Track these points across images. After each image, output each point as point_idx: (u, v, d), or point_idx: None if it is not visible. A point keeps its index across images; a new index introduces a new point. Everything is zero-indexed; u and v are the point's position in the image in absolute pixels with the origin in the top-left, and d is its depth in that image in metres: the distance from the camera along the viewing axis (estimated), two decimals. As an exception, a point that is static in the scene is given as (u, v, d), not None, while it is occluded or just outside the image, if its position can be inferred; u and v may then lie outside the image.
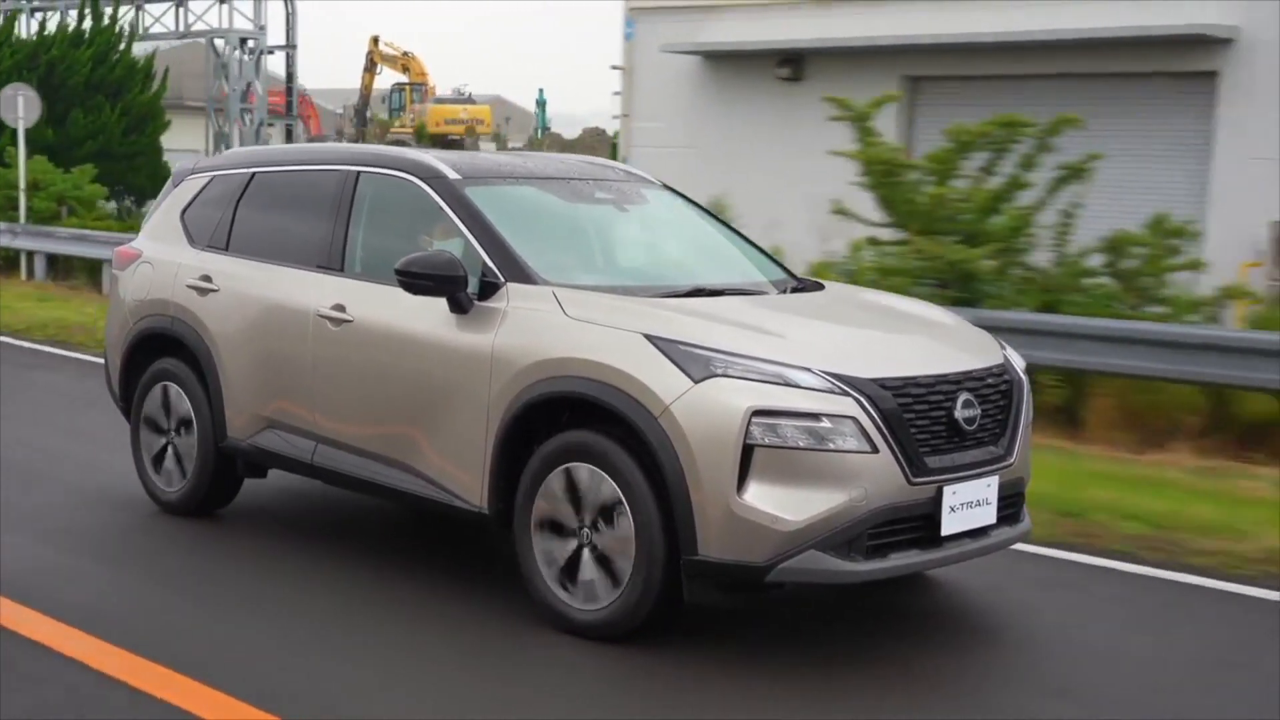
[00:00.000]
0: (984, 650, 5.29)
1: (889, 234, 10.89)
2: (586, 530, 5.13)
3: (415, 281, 5.50)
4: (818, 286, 6.32)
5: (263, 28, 29.35)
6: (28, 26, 29.27)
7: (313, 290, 6.13)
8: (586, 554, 5.13)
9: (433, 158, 6.11)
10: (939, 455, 5.04)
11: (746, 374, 4.85)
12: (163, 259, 6.95)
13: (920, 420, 4.99)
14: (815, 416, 4.79)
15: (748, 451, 4.75)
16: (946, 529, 5.05)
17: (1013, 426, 5.39)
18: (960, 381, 5.18)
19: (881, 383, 4.93)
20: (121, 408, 7.26)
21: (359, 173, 6.22)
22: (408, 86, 50.23)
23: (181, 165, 7.52)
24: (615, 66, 19.58)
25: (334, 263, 6.15)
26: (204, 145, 30.55)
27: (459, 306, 5.50)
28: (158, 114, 27.72)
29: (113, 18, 27.33)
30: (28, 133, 20.67)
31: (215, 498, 6.79)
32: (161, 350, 6.90)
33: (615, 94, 19.53)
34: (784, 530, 4.75)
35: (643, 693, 4.74)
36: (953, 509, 5.05)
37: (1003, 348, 5.72)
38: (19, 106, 20.05)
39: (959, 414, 5.09)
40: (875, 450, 4.84)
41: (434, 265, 5.46)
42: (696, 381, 4.85)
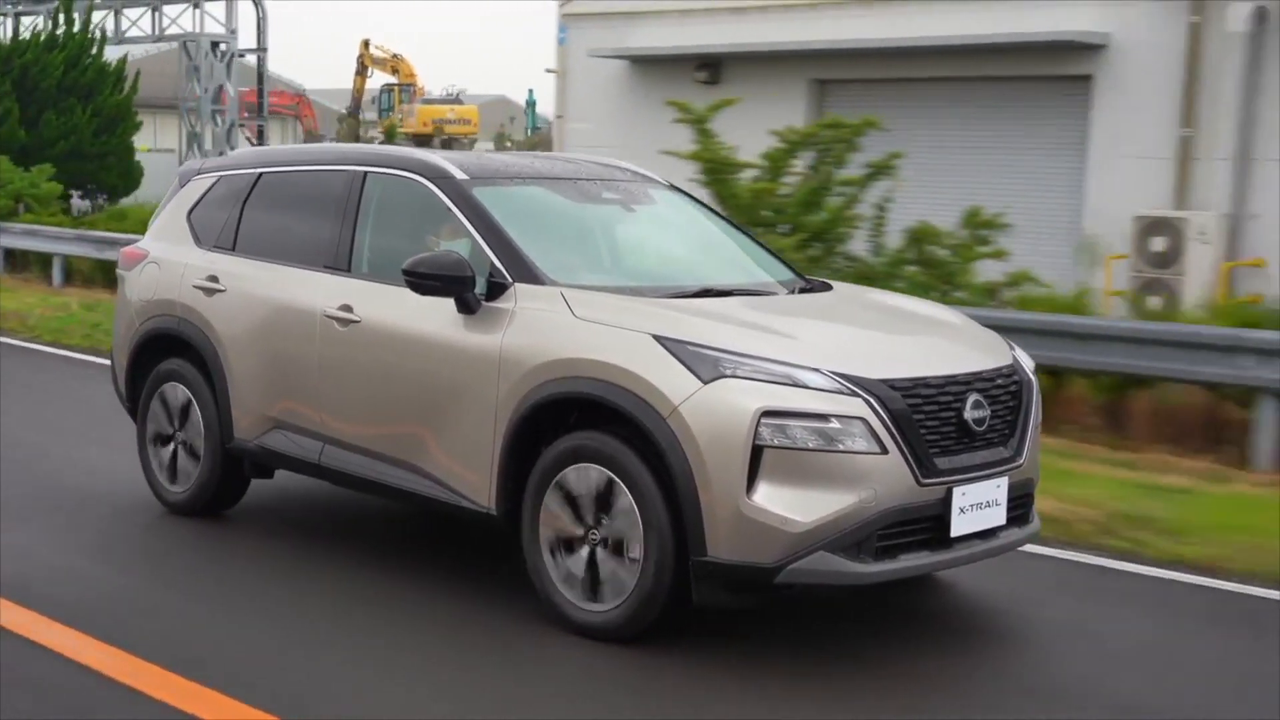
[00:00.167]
0: (992, 652, 5.27)
1: None
2: (594, 531, 5.11)
3: (423, 282, 5.49)
4: (826, 287, 6.30)
5: (234, 32, 30.14)
6: (3, 30, 29.98)
7: (320, 291, 6.12)
8: (595, 555, 5.11)
9: (440, 158, 6.10)
10: (948, 456, 5.02)
11: (755, 375, 4.83)
12: (169, 259, 6.94)
13: (930, 421, 4.98)
14: (824, 417, 4.78)
15: (757, 452, 4.74)
16: (956, 530, 5.04)
17: (1022, 427, 5.37)
18: (970, 382, 5.17)
19: (891, 383, 4.92)
20: (128, 408, 7.25)
21: (366, 173, 6.21)
22: (396, 87, 50.73)
23: (188, 165, 7.51)
24: (549, 70, 20.25)
25: (341, 263, 6.13)
26: (178, 145, 31.52)
27: (466, 307, 5.49)
28: (128, 115, 28.47)
29: (85, 23, 28.06)
30: (2, 133, 20.81)
31: (222, 499, 6.77)
32: (168, 351, 6.88)
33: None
34: (793, 531, 4.73)
35: (650, 693, 4.73)
36: (962, 510, 5.03)
37: (1011, 348, 5.70)
38: None
39: (968, 415, 5.07)
40: (885, 451, 4.82)
41: (442, 266, 5.45)
42: (705, 382, 4.83)
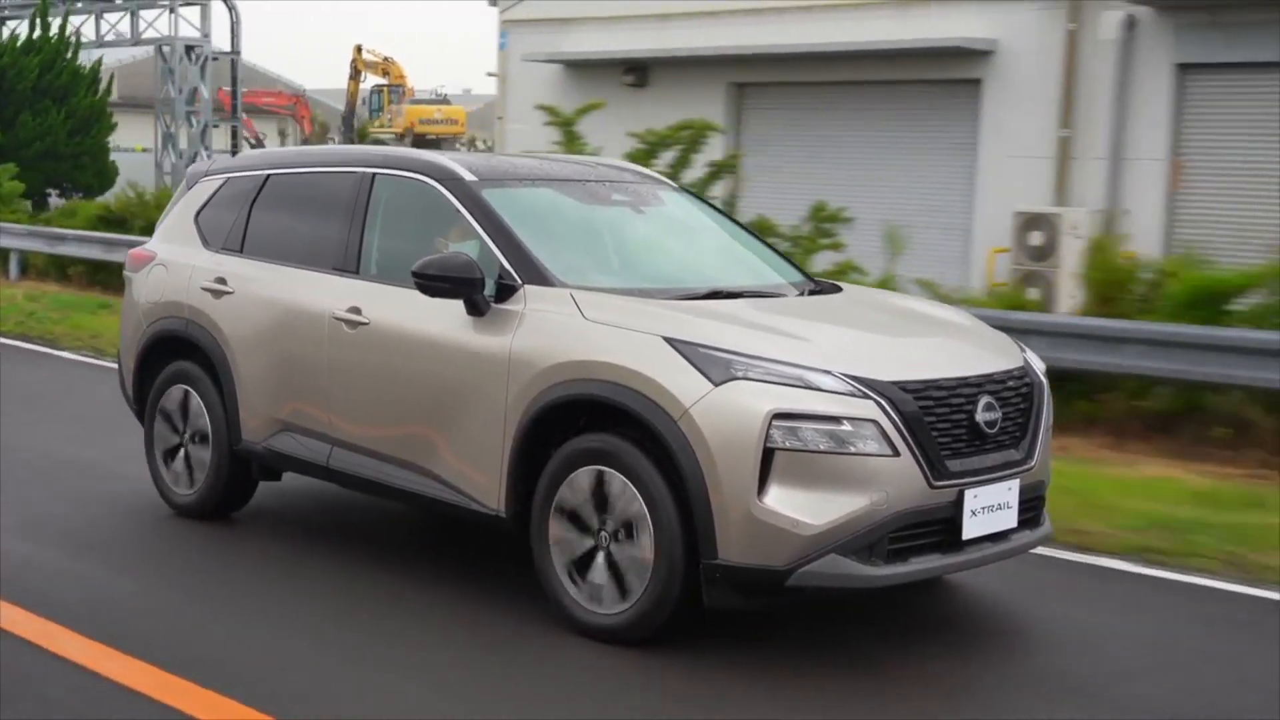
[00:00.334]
0: (1002, 655, 5.25)
1: None
2: (604, 534, 5.09)
3: (432, 284, 5.47)
4: (835, 288, 6.28)
5: (207, 36, 30.92)
6: None
7: (328, 292, 6.10)
8: (604, 557, 5.10)
9: (449, 160, 6.09)
10: (960, 458, 5.00)
11: (767, 377, 4.82)
12: (177, 261, 6.93)
13: (941, 423, 4.96)
14: (836, 420, 4.76)
15: (768, 455, 4.72)
16: (967, 533, 5.02)
17: (1033, 429, 5.36)
18: (981, 384, 5.15)
19: (902, 385, 4.90)
20: (135, 410, 7.23)
21: (374, 175, 6.20)
22: (385, 88, 51.33)
23: (195, 167, 7.50)
24: (490, 74, 21.37)
25: (349, 265, 6.12)
26: (154, 144, 32.46)
27: (476, 309, 5.48)
28: (103, 117, 29.31)
29: (61, 27, 28.94)
30: None
31: (230, 501, 6.76)
32: (176, 353, 6.87)
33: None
34: (805, 534, 4.71)
35: (659, 695, 4.71)
36: (974, 513, 5.01)
37: (1022, 350, 5.69)
38: None
39: (980, 417, 5.06)
40: (896, 453, 4.80)
41: (451, 267, 5.44)
42: (716, 384, 4.82)
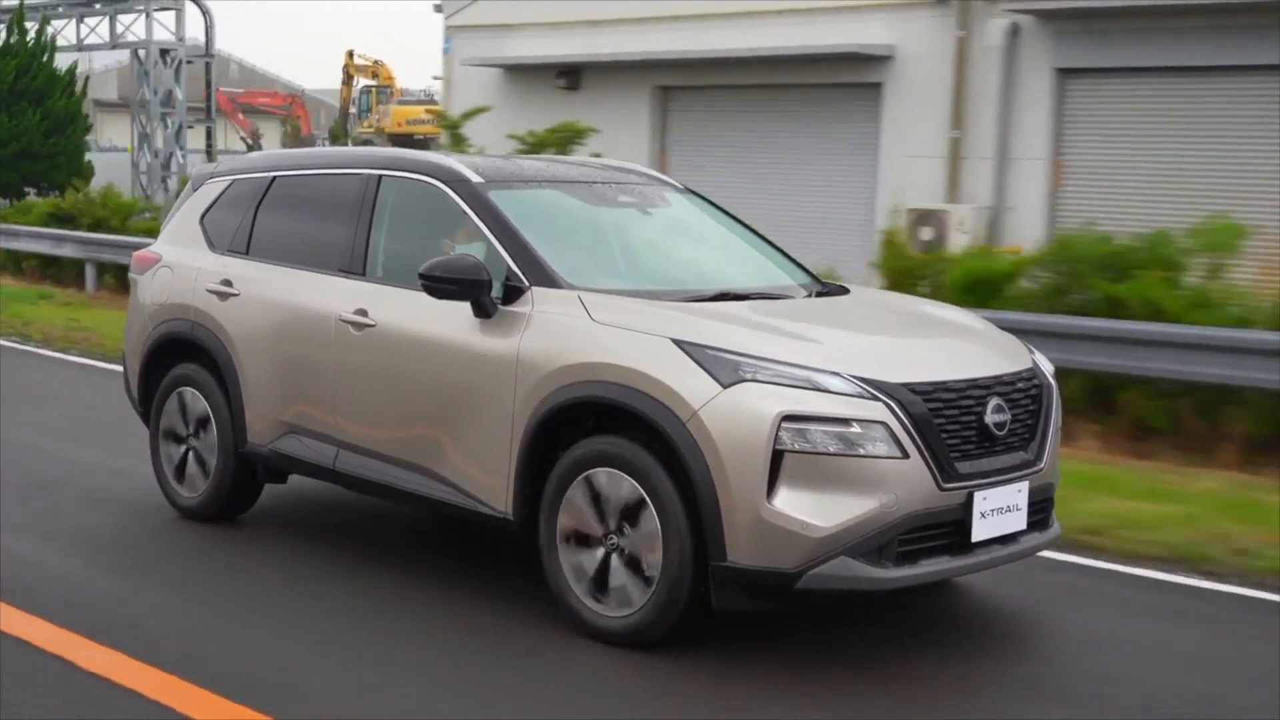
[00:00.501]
0: (1008, 658, 5.23)
1: None
2: (613, 536, 5.08)
3: (439, 286, 5.46)
4: (842, 290, 6.26)
5: (181, 40, 31.66)
6: None
7: (334, 294, 6.09)
8: (613, 560, 5.08)
9: (456, 161, 6.07)
10: (970, 460, 4.99)
11: (776, 379, 4.80)
12: (182, 263, 6.92)
13: (951, 425, 4.94)
14: (845, 422, 4.74)
15: (777, 457, 4.70)
16: (977, 535, 5.00)
17: (1042, 431, 5.34)
18: (991, 386, 5.13)
19: (912, 387, 4.88)
20: (140, 413, 7.22)
21: (381, 176, 6.18)
22: (374, 89, 52.16)
23: (200, 169, 7.49)
24: (436, 77, 22.46)
25: (356, 267, 6.11)
26: (130, 143, 33.34)
27: (483, 311, 5.46)
28: (78, 118, 30.52)
29: (39, 32, 29.92)
30: None
31: (235, 503, 6.74)
32: (181, 355, 6.86)
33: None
34: (814, 536, 4.69)
35: (665, 698, 4.69)
36: (983, 515, 4.99)
37: (1031, 352, 5.67)
38: None
39: (989, 419, 5.04)
40: (906, 456, 4.78)
41: (458, 269, 5.42)
42: (725, 386, 4.80)
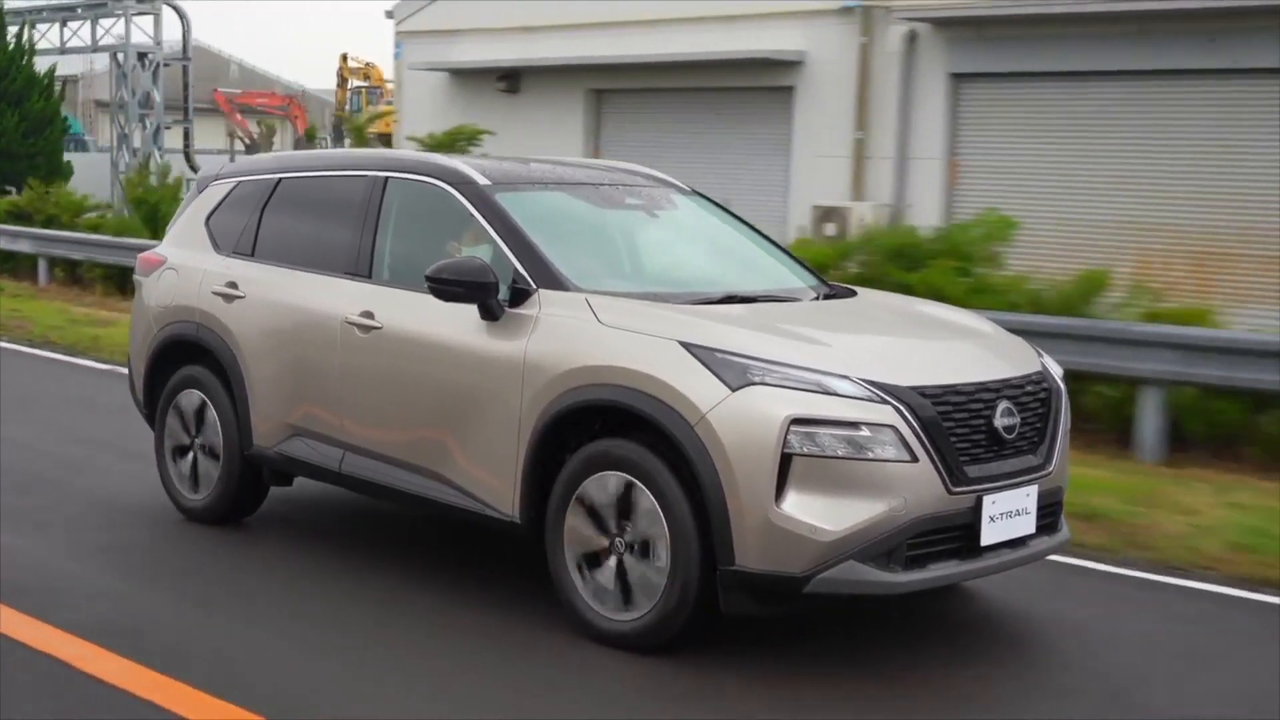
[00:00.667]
0: (1016, 662, 5.22)
1: None
2: (620, 540, 5.06)
3: (446, 288, 5.44)
4: (850, 293, 6.25)
5: (159, 43, 32.23)
6: None
7: (340, 297, 6.07)
8: (620, 563, 5.06)
9: (462, 163, 6.06)
10: (978, 464, 4.97)
11: (784, 382, 4.78)
12: (188, 265, 6.90)
13: (960, 429, 4.92)
14: (854, 425, 4.72)
15: (786, 460, 4.68)
16: (986, 539, 4.98)
17: (1051, 435, 5.32)
18: (1000, 390, 5.11)
19: (921, 391, 4.86)
20: (145, 415, 7.21)
21: (387, 178, 6.17)
22: (364, 90, 52.74)
23: (205, 171, 7.46)
24: (388, 81, 22.49)
25: (362, 269, 6.09)
26: (110, 143, 33.90)
27: (490, 313, 5.44)
28: (56, 119, 31.63)
29: (18, 35, 30.96)
30: None
31: (240, 506, 6.72)
32: (186, 357, 6.84)
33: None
34: (823, 540, 4.67)
35: (665, 699, 4.68)
36: (992, 519, 4.97)
37: (1039, 355, 5.65)
38: None
39: (998, 422, 5.02)
40: (915, 459, 4.76)
41: (465, 272, 5.40)
42: (734, 389, 4.78)
